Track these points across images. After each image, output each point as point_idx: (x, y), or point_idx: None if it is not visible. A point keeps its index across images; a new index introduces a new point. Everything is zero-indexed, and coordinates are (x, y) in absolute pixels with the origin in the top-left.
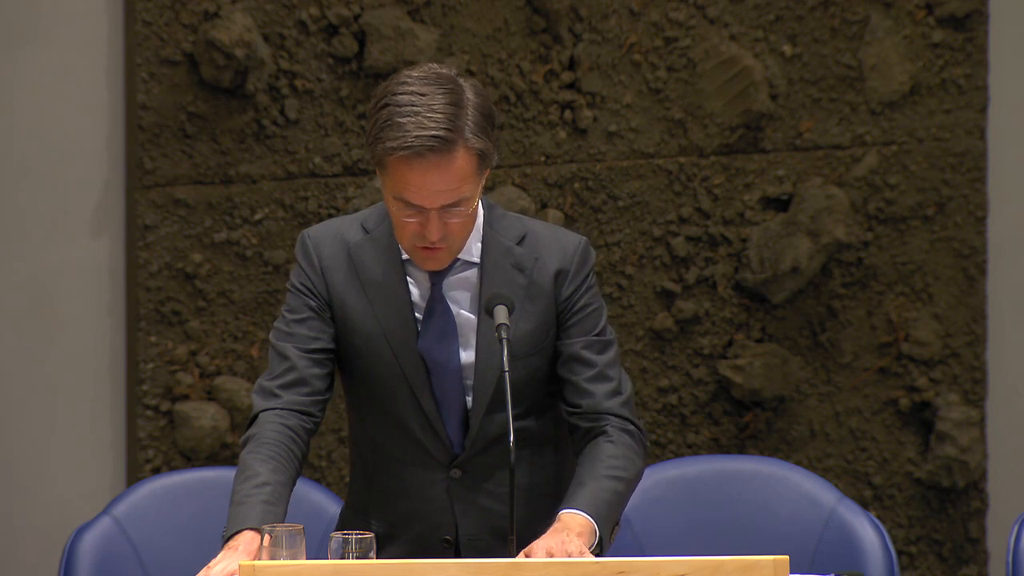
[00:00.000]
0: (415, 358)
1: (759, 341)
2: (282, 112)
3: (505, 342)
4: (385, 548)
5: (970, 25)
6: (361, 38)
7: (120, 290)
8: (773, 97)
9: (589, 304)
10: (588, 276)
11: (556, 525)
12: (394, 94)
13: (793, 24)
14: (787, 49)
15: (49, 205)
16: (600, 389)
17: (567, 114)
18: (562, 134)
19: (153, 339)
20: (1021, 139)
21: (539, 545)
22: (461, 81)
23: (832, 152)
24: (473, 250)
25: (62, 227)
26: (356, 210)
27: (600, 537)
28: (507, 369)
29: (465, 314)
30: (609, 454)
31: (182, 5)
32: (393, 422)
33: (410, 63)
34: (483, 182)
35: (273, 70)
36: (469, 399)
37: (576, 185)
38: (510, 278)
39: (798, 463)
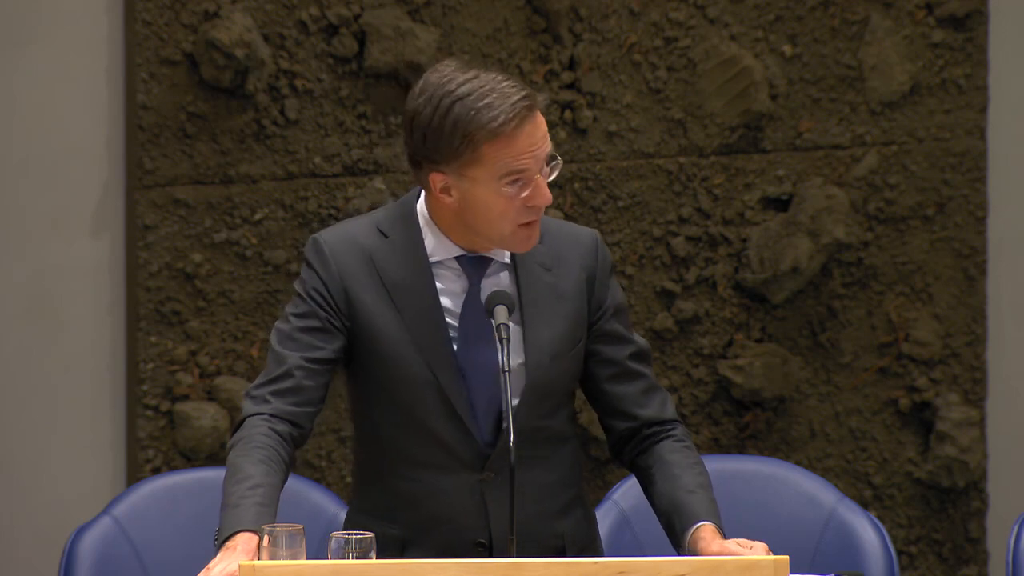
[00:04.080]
0: (449, 362)
1: (759, 341)
2: (282, 112)
3: (505, 342)
4: (412, 553)
5: (970, 25)
6: (361, 38)
7: (120, 290)
8: (773, 97)
9: (616, 298)
10: (612, 271)
11: (709, 535)
12: (451, 92)
13: (793, 24)
14: (787, 49)
15: (49, 205)
16: (655, 399)
17: (567, 114)
18: (562, 134)
19: (153, 339)
20: (1021, 139)
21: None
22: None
23: (832, 152)
24: (502, 251)
25: (62, 227)
26: (357, 210)
27: None
28: (507, 369)
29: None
30: (695, 461)
31: (182, 5)
32: (420, 427)
33: (410, 63)
34: None
35: (273, 70)
36: (505, 401)
37: (576, 185)
38: (540, 277)
39: (798, 463)
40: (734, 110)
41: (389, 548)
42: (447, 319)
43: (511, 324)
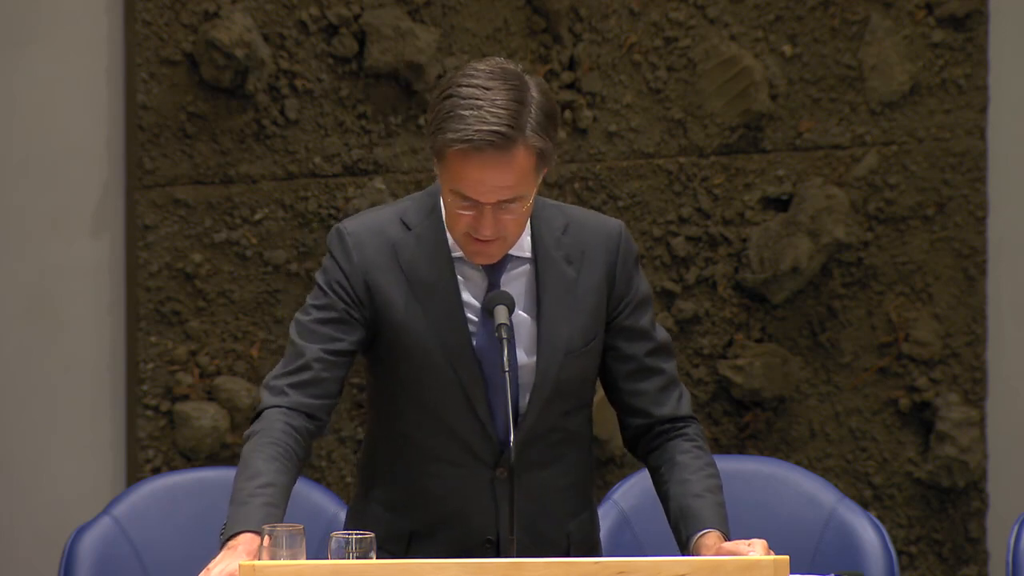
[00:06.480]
0: (469, 359)
1: (759, 341)
2: (282, 112)
3: (506, 342)
4: (419, 547)
5: (970, 25)
6: (361, 38)
7: (120, 290)
8: (773, 97)
9: (640, 291)
10: (636, 262)
11: (712, 541)
12: (459, 85)
13: (793, 24)
14: (787, 49)
15: (49, 205)
16: (672, 396)
17: (567, 114)
18: (562, 134)
19: (153, 339)
20: (1021, 139)
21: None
22: (527, 78)
23: (832, 152)
24: (524, 244)
25: (62, 227)
26: (356, 210)
27: None
28: (508, 369)
29: (521, 314)
30: (706, 462)
31: (182, 5)
32: (438, 423)
33: (410, 63)
34: (540, 180)
35: (273, 70)
36: (522, 399)
37: (576, 185)
38: (562, 271)
39: (798, 463)
40: (734, 110)
41: (396, 540)
42: (468, 314)
43: (528, 318)
